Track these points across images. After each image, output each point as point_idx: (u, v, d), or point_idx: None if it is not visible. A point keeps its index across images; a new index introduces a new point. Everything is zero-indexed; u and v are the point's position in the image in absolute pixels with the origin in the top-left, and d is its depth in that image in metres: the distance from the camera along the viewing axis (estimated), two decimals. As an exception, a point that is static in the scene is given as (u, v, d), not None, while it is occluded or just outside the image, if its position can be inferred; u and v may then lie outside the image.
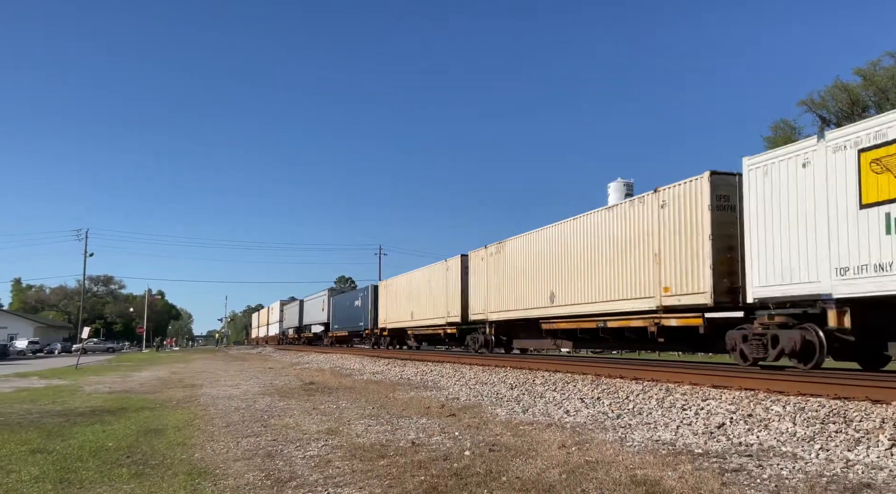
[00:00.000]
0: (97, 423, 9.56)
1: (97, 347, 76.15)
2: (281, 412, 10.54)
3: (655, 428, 7.66)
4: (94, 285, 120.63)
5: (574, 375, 13.19)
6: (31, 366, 34.39)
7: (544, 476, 5.47)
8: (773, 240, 11.76)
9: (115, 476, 5.89)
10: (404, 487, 5.24)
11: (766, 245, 11.88)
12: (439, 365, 18.95)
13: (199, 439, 7.99)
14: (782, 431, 6.91)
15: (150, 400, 13.10)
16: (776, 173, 11.80)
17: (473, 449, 6.72)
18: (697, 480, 5.15)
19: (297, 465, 6.27)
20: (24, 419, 10.22)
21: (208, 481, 5.67)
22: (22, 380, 21.08)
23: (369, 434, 8.01)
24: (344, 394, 13.05)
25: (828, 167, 10.78)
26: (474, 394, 12.09)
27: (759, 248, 12.02)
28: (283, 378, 18.51)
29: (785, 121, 46.64)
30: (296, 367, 24.99)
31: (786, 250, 11.51)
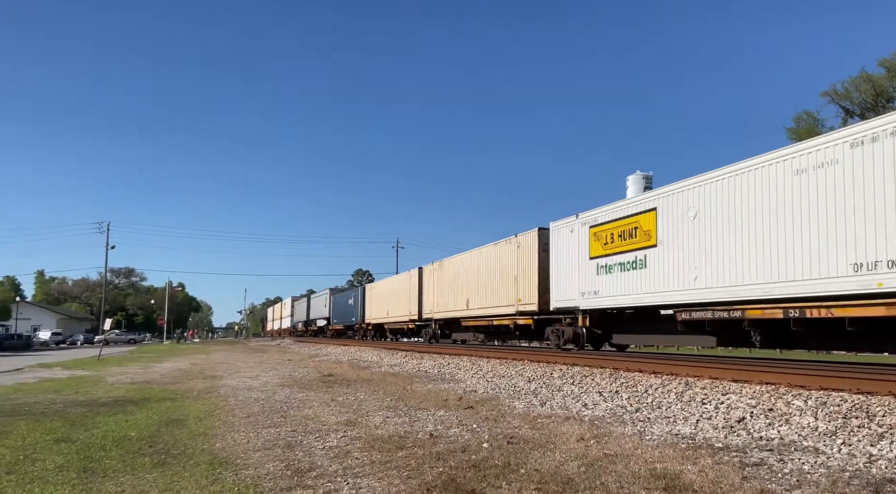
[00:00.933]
0: (120, 413, 9.68)
1: (119, 338, 77.11)
2: (300, 403, 10.61)
3: (675, 422, 7.62)
4: (115, 278, 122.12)
5: (592, 368, 13.15)
6: (55, 357, 34.92)
7: (563, 468, 5.46)
8: (560, 273, 19.20)
9: (137, 466, 5.97)
10: (423, 478, 5.26)
11: (558, 276, 19.27)
12: (456, 358, 18.98)
13: (220, 429, 8.08)
14: (804, 425, 6.85)
15: (172, 391, 13.24)
16: (561, 234, 19.29)
17: (491, 442, 6.73)
18: (718, 474, 5.12)
19: (316, 456, 6.32)
20: (48, 408, 10.38)
21: (229, 471, 5.73)
22: (46, 371, 21.41)
23: (388, 425, 8.05)
24: (362, 386, 13.11)
25: (578, 234, 18.35)
26: (492, 387, 12.10)
27: (556, 278, 19.45)
28: (302, 370, 18.64)
29: (808, 112, 46.08)
30: (314, 359, 25.15)
31: (565, 280, 18.93)
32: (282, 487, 5.13)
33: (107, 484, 5.28)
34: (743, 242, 12.71)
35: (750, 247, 12.54)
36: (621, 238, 16.55)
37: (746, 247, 12.62)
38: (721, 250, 13.21)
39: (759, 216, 12.38)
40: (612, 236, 16.96)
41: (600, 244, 17.36)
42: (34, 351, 48.75)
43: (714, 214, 13.50)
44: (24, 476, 5.56)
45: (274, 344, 54.95)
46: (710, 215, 13.62)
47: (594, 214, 17.67)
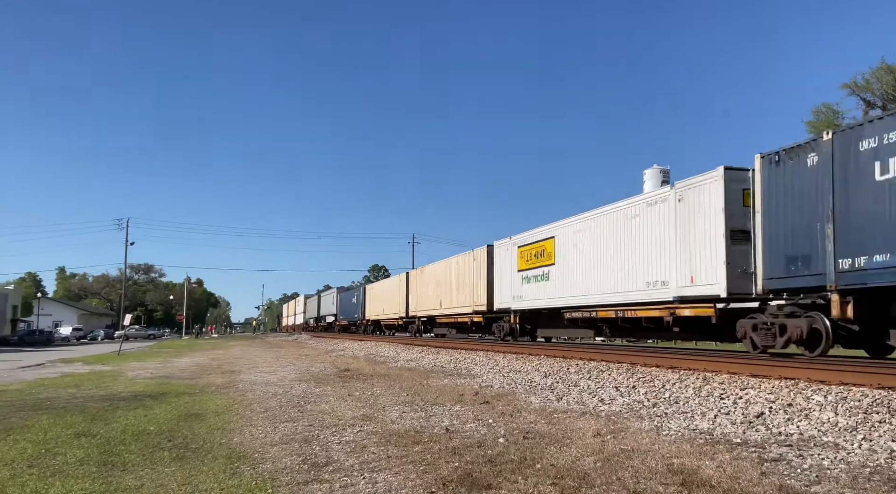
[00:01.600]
0: (139, 408, 9.79)
1: (138, 334, 78.09)
2: (317, 398, 10.67)
3: (692, 417, 7.57)
4: (135, 274, 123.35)
5: (609, 363, 13.10)
6: (75, 352, 35.37)
7: (579, 463, 5.45)
8: (500, 282, 24.74)
9: (156, 459, 6.03)
10: (439, 473, 5.27)
11: (500, 284, 24.89)
12: (472, 353, 18.99)
13: (238, 424, 8.14)
14: (823, 421, 6.78)
15: (190, 386, 13.37)
16: (500, 251, 25.02)
17: (507, 437, 6.73)
18: (736, 469, 5.08)
19: (333, 450, 6.35)
20: (69, 403, 10.51)
21: (247, 465, 5.77)
22: (67, 366, 21.69)
23: (404, 420, 8.07)
24: (378, 381, 13.16)
25: (511, 252, 23.92)
26: (508, 382, 12.09)
27: (497, 285, 25.13)
28: (319, 365, 18.74)
29: (827, 105, 45.48)
30: (331, 354, 25.27)
31: (505, 286, 24.15)
32: (299, 481, 5.17)
33: (126, 478, 5.34)
34: (596, 264, 18.39)
35: (599, 268, 18.23)
36: (535, 257, 22.20)
37: (598, 268, 18.30)
38: (586, 270, 18.88)
39: (604, 247, 18.06)
40: (531, 254, 22.62)
41: (524, 261, 23.04)
42: (55, 347, 49.44)
43: (584, 243, 19.13)
44: (45, 470, 5.64)
45: (291, 339, 55.27)
46: (582, 244, 19.25)
47: (522, 236, 23.47)
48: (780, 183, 12.32)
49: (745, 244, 13.25)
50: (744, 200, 13.42)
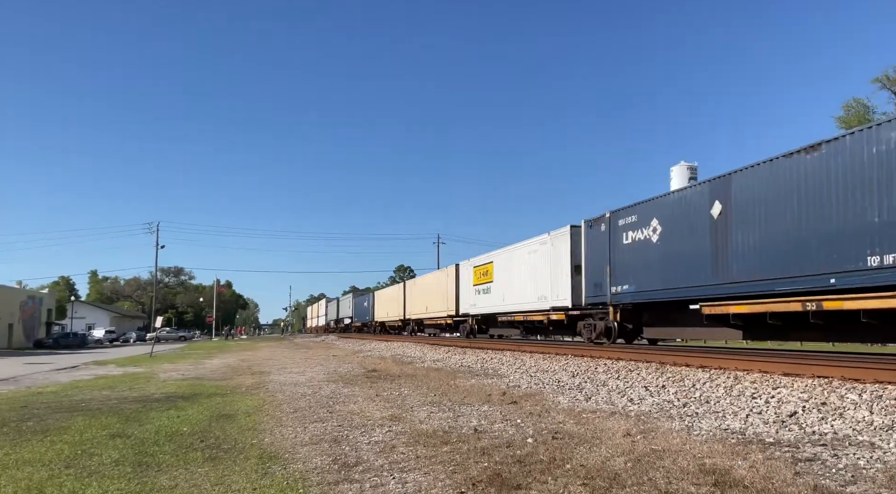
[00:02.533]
0: (172, 409, 9.93)
1: (169, 336, 79.19)
2: (345, 398, 10.74)
3: (724, 417, 7.48)
4: (165, 277, 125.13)
5: (637, 363, 13.00)
6: (108, 354, 35.98)
7: (609, 464, 5.42)
8: (464, 292, 31.98)
9: (189, 460, 6.12)
10: (468, 473, 5.27)
11: (464, 293, 32.06)
12: (499, 353, 18.97)
13: (269, 424, 8.22)
14: (858, 420, 6.66)
15: (221, 387, 13.53)
16: (462, 269, 32.57)
17: (536, 437, 6.71)
18: (769, 469, 5.01)
19: (362, 450, 6.39)
20: (103, 405, 10.70)
21: (278, 465, 5.83)
22: (100, 368, 22.09)
23: (432, 420, 8.09)
24: (406, 381, 13.20)
25: (469, 270, 31.45)
26: (535, 382, 12.05)
27: (462, 294, 32.31)
28: (347, 366, 18.85)
29: (857, 100, 44.69)
30: (358, 355, 25.40)
31: (466, 297, 31.64)
32: (329, 481, 5.21)
33: (161, 478, 5.42)
34: (513, 283, 26.29)
35: (514, 286, 26.10)
36: (483, 275, 29.96)
37: (514, 286, 26.17)
38: (511, 286, 26.49)
39: (517, 272, 25.94)
40: (480, 273, 30.38)
41: (476, 278, 30.79)
42: (89, 349, 50.33)
43: (508, 268, 26.93)
44: (82, 470, 5.75)
45: (318, 340, 55.66)
46: (507, 269, 27.05)
47: (476, 259, 31.26)
48: (592, 239, 19.88)
49: (579, 275, 20.60)
50: (580, 247, 20.72)
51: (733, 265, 13.81)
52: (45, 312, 65.14)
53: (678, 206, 15.92)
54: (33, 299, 62.97)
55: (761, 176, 13.17)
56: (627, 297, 17.81)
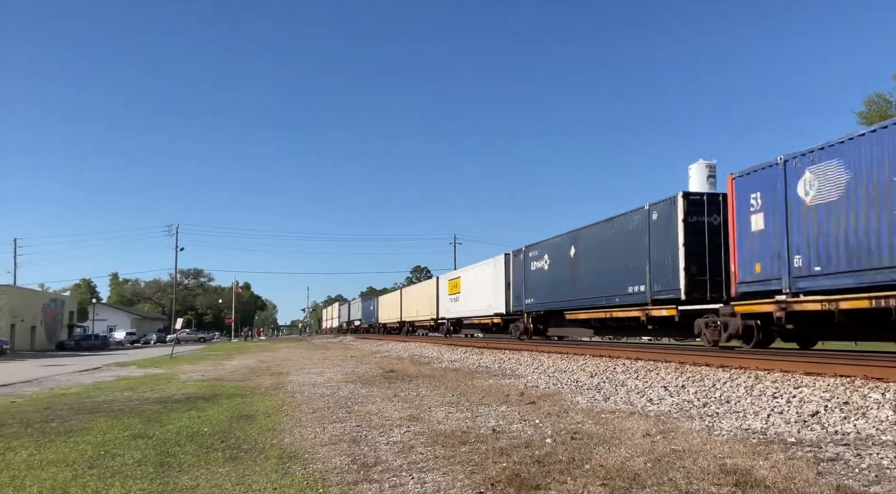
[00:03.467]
0: (192, 409, 10.02)
1: (189, 337, 79.84)
2: (364, 398, 10.77)
3: (744, 417, 7.42)
4: (185, 278, 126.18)
5: (657, 363, 12.93)
6: (129, 356, 36.38)
7: (629, 464, 5.40)
8: (442, 301, 41.72)
9: (210, 460, 6.17)
10: (487, 473, 5.27)
11: (442, 300, 41.56)
12: (517, 353, 18.94)
13: (288, 424, 8.27)
14: (882, 419, 6.58)
15: (241, 387, 13.63)
16: (440, 281, 42.57)
17: (555, 437, 6.70)
18: (791, 469, 4.97)
19: (381, 450, 6.41)
20: (125, 406, 10.82)
21: (298, 465, 5.87)
22: (122, 369, 22.34)
23: (450, 420, 8.10)
24: (423, 382, 13.22)
25: (445, 282, 41.34)
26: (553, 382, 12.02)
27: (441, 302, 41.80)
28: (365, 366, 18.91)
29: (880, 95, 44.14)
30: (375, 355, 25.47)
31: (444, 304, 41.16)
32: (349, 481, 5.23)
33: (182, 478, 5.48)
34: (472, 294, 34.54)
35: (473, 296, 34.56)
36: (454, 287, 38.62)
37: (473, 296, 34.50)
38: (470, 297, 35.03)
39: (475, 286, 34.27)
40: (452, 285, 39.16)
41: (450, 288, 39.69)
42: (110, 350, 50.95)
43: (469, 281, 35.24)
44: (105, 470, 5.82)
45: (336, 341, 55.88)
46: (468, 282, 35.51)
47: (450, 273, 41.28)
48: (515, 265, 28.97)
49: (510, 290, 29.52)
50: (510, 270, 29.65)
51: (581, 287, 22.18)
52: (67, 314, 65.97)
53: (557, 247, 24.35)
54: (55, 301, 63.80)
55: (592, 232, 21.67)
56: (534, 307, 26.75)
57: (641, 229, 18.51)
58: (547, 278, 24.88)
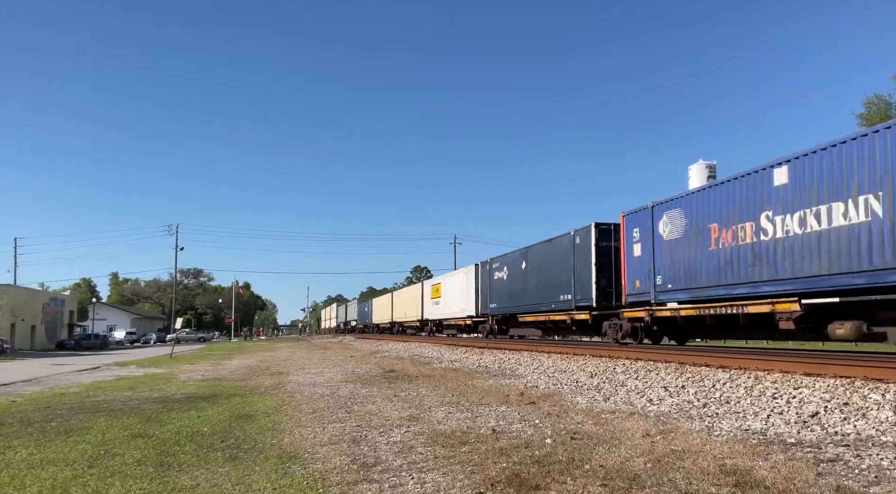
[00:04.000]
0: (192, 409, 10.02)
1: (189, 337, 79.80)
2: (364, 398, 10.77)
3: (744, 417, 7.42)
4: (184, 278, 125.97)
5: (657, 363, 12.92)
6: (129, 355, 36.38)
7: (629, 464, 5.40)
8: (426, 304, 45.75)
9: (210, 460, 6.17)
10: (487, 474, 5.27)
11: (426, 306, 45.86)
12: (517, 353, 18.94)
13: (288, 424, 8.27)
14: (882, 420, 6.58)
15: (241, 387, 13.63)
16: (426, 286, 47.75)
17: (555, 437, 6.70)
18: (791, 470, 4.97)
19: (381, 450, 6.41)
20: (125, 405, 10.83)
21: (298, 465, 5.87)
22: (121, 369, 22.34)
23: (450, 421, 8.10)
24: (423, 382, 13.22)
25: (428, 287, 46.36)
26: (553, 382, 12.02)
27: (425, 306, 45.88)
28: (365, 366, 18.90)
29: (879, 96, 44.13)
30: (375, 355, 25.46)
31: (428, 307, 45.24)
32: (349, 481, 5.23)
33: (182, 478, 5.48)
34: (451, 298, 39.37)
35: (450, 301, 39.73)
36: (436, 292, 43.00)
37: (451, 300, 39.31)
38: (450, 302, 39.63)
39: (452, 291, 39.54)
40: (435, 290, 43.46)
41: (433, 293, 43.98)
42: (110, 350, 50.93)
43: (448, 287, 40.44)
44: (105, 470, 5.82)
45: (336, 341, 55.87)
46: (447, 288, 40.64)
47: (434, 279, 46.34)
48: (482, 274, 33.62)
49: (478, 296, 33.75)
50: (479, 278, 34.14)
51: (529, 295, 27.02)
52: (67, 313, 65.91)
53: (513, 261, 29.38)
54: (55, 300, 63.75)
55: (538, 250, 26.54)
56: (497, 311, 31.65)
57: (568, 250, 23.30)
58: (506, 286, 30.03)
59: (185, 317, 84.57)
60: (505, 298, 30.10)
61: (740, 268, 14.74)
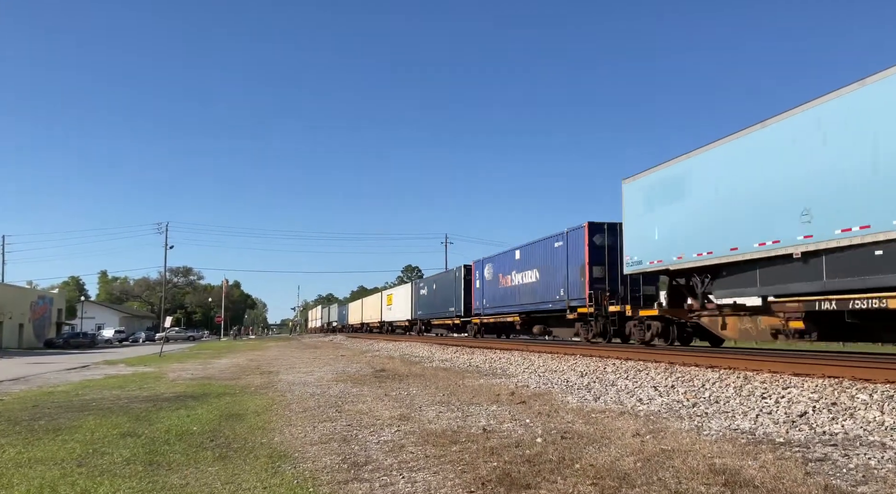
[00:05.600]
0: (181, 408, 9.98)
1: (179, 335, 79.54)
2: (354, 398, 10.76)
3: (733, 417, 7.46)
4: (174, 277, 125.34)
5: (647, 363, 12.97)
6: (118, 354, 36.17)
7: (619, 463, 5.41)
8: (384, 310, 59.61)
9: (200, 459, 6.15)
10: (477, 473, 5.28)
11: (384, 311, 59.46)
12: (507, 353, 18.96)
13: (278, 423, 8.25)
14: (869, 420, 6.63)
15: (231, 386, 13.58)
16: (385, 295, 60.91)
17: (545, 436, 6.71)
18: (779, 469, 5.00)
19: (371, 450, 6.40)
20: (113, 404, 10.77)
21: (288, 464, 5.86)
22: (110, 367, 22.21)
23: (440, 420, 8.10)
24: (414, 381, 13.21)
25: (385, 297, 59.80)
26: (544, 382, 12.05)
27: (384, 311, 59.47)
28: (355, 366, 18.88)
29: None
30: (366, 354, 25.44)
31: (385, 312, 58.79)
32: (339, 480, 5.22)
33: (172, 477, 5.45)
34: (398, 305, 53.81)
35: (396, 308, 54.34)
36: (389, 300, 57.43)
37: (396, 308, 54.37)
38: (397, 309, 54.08)
39: (397, 300, 54.20)
40: (389, 299, 57.69)
41: (388, 301, 57.77)
42: (99, 349, 50.62)
43: (396, 297, 55.12)
44: (93, 469, 5.79)
45: (327, 340, 55.78)
46: (396, 298, 55.24)
47: (388, 290, 60.26)
48: (415, 291, 48.01)
49: (411, 307, 48.44)
50: (414, 293, 48.73)
51: (437, 307, 42.10)
52: (56, 312, 65.51)
53: (428, 283, 43.15)
54: (43, 299, 63.35)
55: (440, 277, 42.10)
56: (423, 316, 45.05)
57: (452, 279, 40.05)
58: (425, 300, 45.75)
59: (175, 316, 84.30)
60: (426, 308, 45.17)
61: (507, 298, 30.15)
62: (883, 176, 10.87)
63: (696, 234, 15.50)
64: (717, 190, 14.90)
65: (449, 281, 39.07)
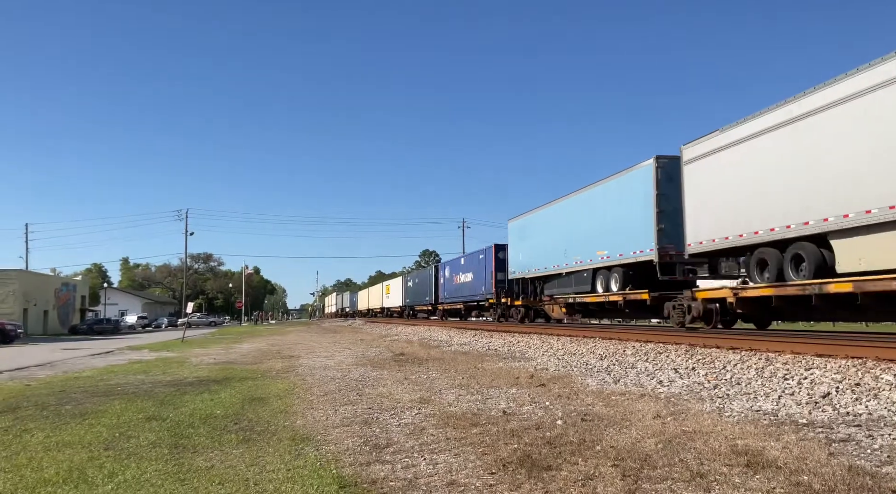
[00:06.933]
0: (205, 392, 10.11)
1: (200, 321, 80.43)
2: (374, 381, 10.84)
3: (755, 398, 7.42)
4: (195, 263, 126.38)
5: (667, 345, 12.91)
6: (141, 340, 36.68)
7: (640, 445, 5.41)
8: (384, 297, 68.31)
9: (224, 442, 6.23)
10: (498, 454, 5.30)
11: (384, 299, 67.95)
12: (526, 336, 18.97)
13: (300, 407, 8.34)
14: (894, 400, 6.56)
15: (252, 370, 13.73)
16: (385, 285, 70.82)
17: (565, 419, 6.72)
18: (803, 450, 4.97)
19: (392, 432, 6.45)
20: (138, 389, 10.93)
21: (311, 446, 5.92)
22: (134, 353, 22.52)
23: (460, 403, 8.13)
24: (433, 365, 13.27)
25: (386, 287, 69.27)
26: (563, 365, 12.05)
27: (383, 299, 68.69)
28: (375, 350, 19.00)
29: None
30: (385, 339, 25.57)
31: (385, 300, 67.31)
32: (361, 462, 5.27)
33: (197, 459, 5.54)
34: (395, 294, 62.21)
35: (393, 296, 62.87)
36: (388, 289, 65.69)
37: (393, 296, 62.85)
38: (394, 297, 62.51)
39: (394, 289, 63.42)
40: (387, 288, 67.07)
41: (386, 290, 67.15)
42: (122, 335, 51.37)
43: (392, 287, 64.78)
44: (120, 452, 5.89)
45: (346, 325, 56.19)
46: (392, 287, 64.59)
47: (387, 281, 70.79)
48: (405, 282, 58.27)
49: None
50: (404, 284, 59.26)
51: (419, 296, 51.44)
52: (79, 298, 66.47)
53: (412, 277, 56.21)
54: (67, 286, 64.25)
55: (420, 272, 57.34)
56: (409, 304, 53.99)
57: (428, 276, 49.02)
58: (411, 290, 54.49)
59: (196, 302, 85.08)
60: (412, 297, 53.61)
61: (456, 292, 39.69)
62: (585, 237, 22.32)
63: (535, 258, 26.97)
64: (542, 234, 26.51)
65: (427, 277, 49.17)
